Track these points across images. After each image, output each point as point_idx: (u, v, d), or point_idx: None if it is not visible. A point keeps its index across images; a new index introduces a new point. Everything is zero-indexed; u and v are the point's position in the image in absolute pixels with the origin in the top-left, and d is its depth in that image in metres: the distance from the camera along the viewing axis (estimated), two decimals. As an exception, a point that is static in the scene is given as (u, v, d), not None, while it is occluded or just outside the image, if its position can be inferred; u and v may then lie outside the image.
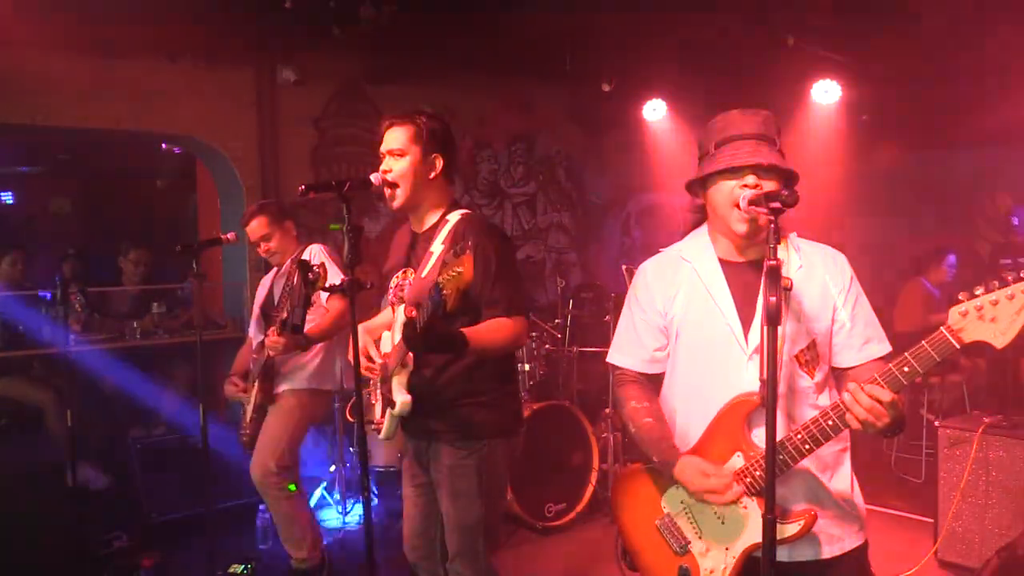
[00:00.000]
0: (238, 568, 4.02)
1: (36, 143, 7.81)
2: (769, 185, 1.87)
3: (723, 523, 1.96)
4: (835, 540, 1.98)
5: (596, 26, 5.53)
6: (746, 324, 1.95)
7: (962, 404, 5.83)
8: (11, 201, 8.97)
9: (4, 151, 8.08)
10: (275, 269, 3.94)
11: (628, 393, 2.14)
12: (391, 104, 6.11)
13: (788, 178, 1.95)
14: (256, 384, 3.74)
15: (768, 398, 1.66)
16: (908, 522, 4.70)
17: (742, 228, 1.91)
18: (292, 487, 3.77)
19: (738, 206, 1.86)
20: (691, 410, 2.03)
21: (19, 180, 8.95)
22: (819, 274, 2.00)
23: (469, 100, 6.62)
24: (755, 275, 1.93)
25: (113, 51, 5.03)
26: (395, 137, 2.53)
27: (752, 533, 1.89)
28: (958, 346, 1.65)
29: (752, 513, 1.89)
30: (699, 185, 2.02)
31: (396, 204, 2.55)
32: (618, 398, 2.18)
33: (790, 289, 1.74)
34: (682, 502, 2.03)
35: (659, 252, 2.17)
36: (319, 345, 3.71)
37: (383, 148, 2.56)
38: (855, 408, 1.72)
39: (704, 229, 2.11)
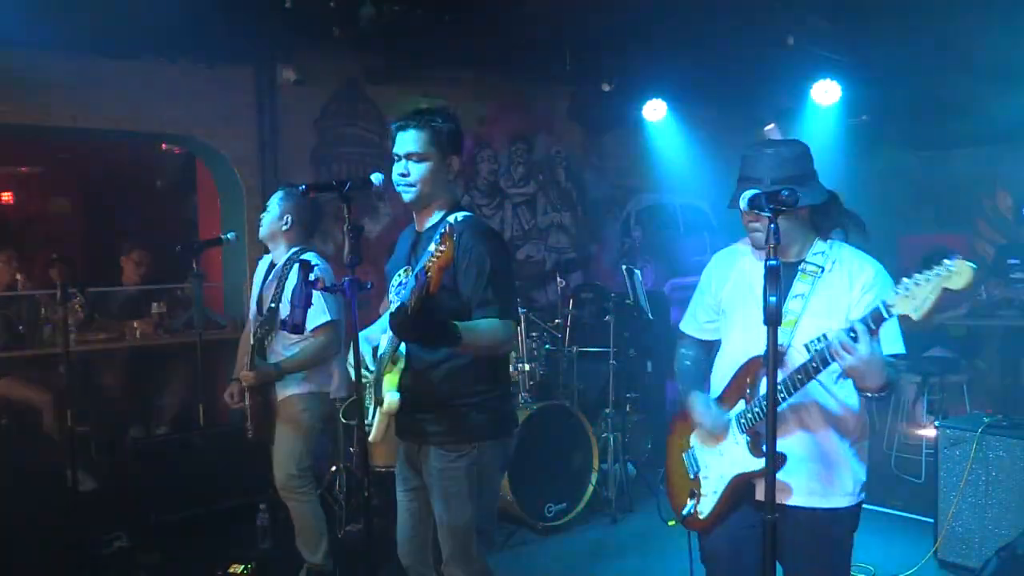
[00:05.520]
0: (238, 568, 4.01)
1: (36, 143, 7.80)
2: (766, 220, 2.10)
3: (721, 455, 2.39)
4: (810, 493, 2.29)
5: (596, 26, 5.53)
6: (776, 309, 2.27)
7: (962, 404, 5.83)
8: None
9: (4, 151, 8.07)
10: (270, 260, 3.89)
11: (681, 344, 2.69)
12: (391, 104, 6.11)
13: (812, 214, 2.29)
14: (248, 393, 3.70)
15: (768, 397, 1.87)
16: (908, 522, 4.70)
17: (756, 243, 2.34)
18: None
19: (750, 231, 2.31)
20: (725, 368, 2.46)
21: (19, 180, 8.94)
22: (844, 277, 2.26)
23: (469, 100, 6.62)
24: (792, 272, 2.30)
25: (113, 51, 5.02)
26: (413, 140, 2.51)
27: (740, 464, 2.32)
28: (887, 316, 1.96)
29: (742, 447, 2.32)
30: None
31: (410, 199, 2.55)
32: (677, 348, 2.69)
33: (818, 274, 2.24)
34: (701, 438, 2.48)
35: (732, 244, 2.58)
36: (315, 336, 3.62)
37: (400, 151, 2.52)
38: (835, 341, 2.03)
39: None
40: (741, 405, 2.35)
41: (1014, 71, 6.05)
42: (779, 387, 2.15)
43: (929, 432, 5.22)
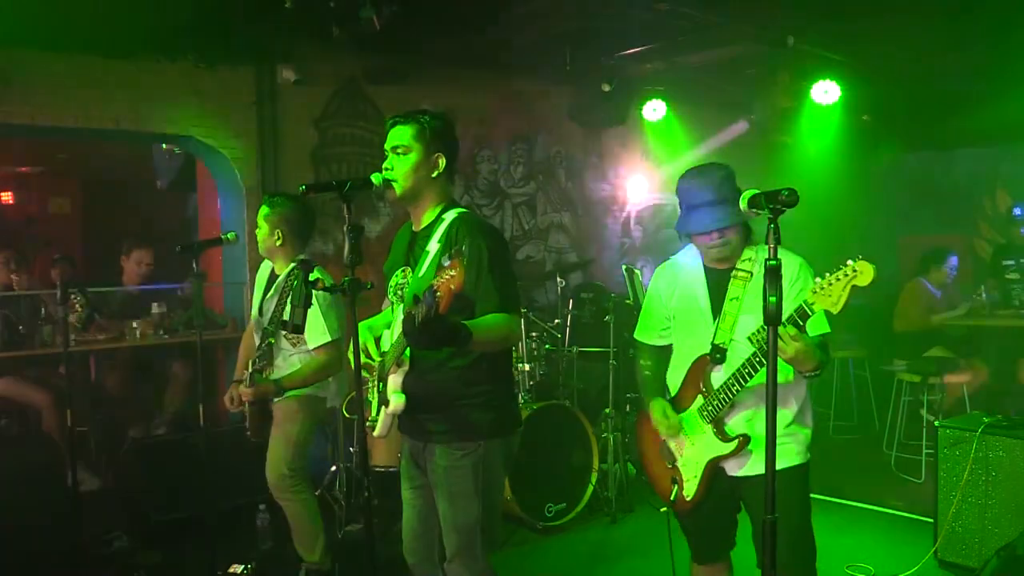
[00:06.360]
0: (238, 568, 4.02)
1: (36, 143, 7.80)
2: (730, 234, 2.61)
3: (694, 444, 2.75)
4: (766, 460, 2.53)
5: (596, 26, 5.53)
6: (716, 312, 2.70)
7: (962, 404, 5.83)
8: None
9: (4, 151, 8.07)
10: (271, 267, 3.89)
11: (641, 356, 3.03)
12: (391, 104, 6.11)
13: (745, 224, 2.63)
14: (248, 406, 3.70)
15: (768, 396, 2.03)
16: (908, 522, 4.71)
17: (718, 256, 2.69)
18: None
19: (709, 249, 2.65)
20: (678, 367, 2.84)
21: (19, 180, 8.94)
22: None
23: (469, 100, 6.62)
24: (726, 279, 2.69)
25: (113, 51, 5.02)
26: (399, 134, 2.56)
27: (711, 450, 2.69)
28: (811, 313, 2.32)
29: (710, 435, 2.69)
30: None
31: (396, 196, 2.58)
32: (635, 359, 3.04)
33: (749, 279, 2.61)
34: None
35: (669, 258, 2.95)
36: (316, 354, 3.63)
37: (387, 145, 2.58)
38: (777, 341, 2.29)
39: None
40: (700, 400, 2.71)
41: (1014, 71, 6.06)
42: (732, 380, 2.56)
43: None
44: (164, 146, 6.29)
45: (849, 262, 2.23)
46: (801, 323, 2.34)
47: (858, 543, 4.33)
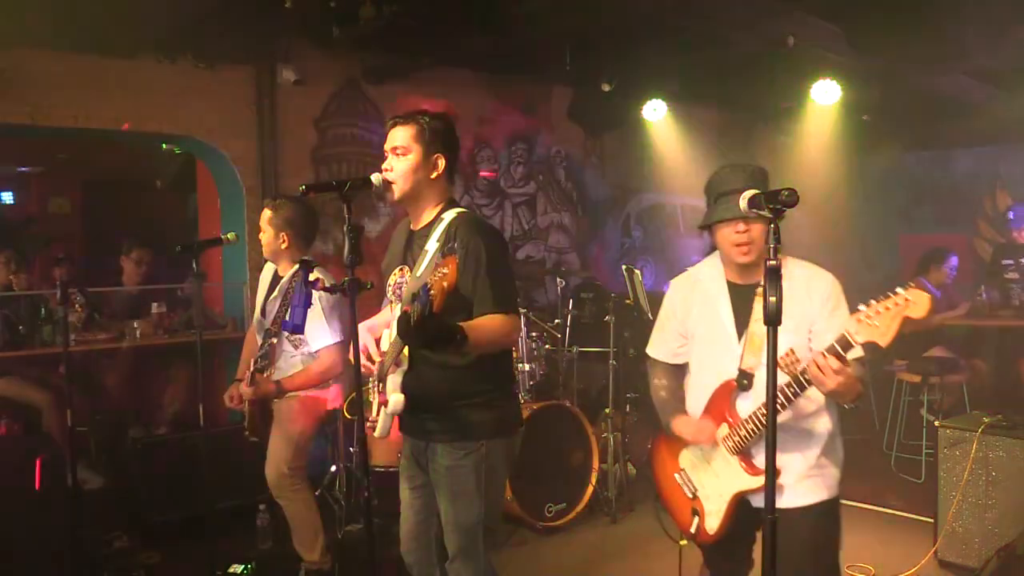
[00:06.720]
0: (238, 568, 4.02)
1: (36, 143, 7.80)
2: (756, 227, 2.41)
3: (718, 476, 2.58)
4: (799, 494, 2.47)
5: (596, 26, 5.53)
6: (740, 331, 2.53)
7: (962, 404, 5.83)
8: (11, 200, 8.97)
9: (4, 151, 8.07)
10: (274, 269, 3.89)
11: (655, 374, 2.83)
12: (391, 104, 6.11)
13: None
14: (248, 406, 3.71)
15: (769, 397, 1.96)
16: (908, 522, 4.71)
17: (743, 260, 2.49)
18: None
19: (736, 245, 2.45)
20: (698, 392, 2.65)
21: (19, 180, 8.94)
22: (800, 294, 2.41)
23: (469, 100, 6.62)
24: (751, 295, 2.50)
25: (113, 51, 5.02)
26: (399, 135, 2.56)
27: (737, 483, 2.51)
28: (854, 345, 2.14)
29: (735, 467, 2.51)
30: (707, 228, 2.60)
31: (395, 197, 2.59)
32: (649, 377, 2.85)
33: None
34: (691, 460, 2.67)
35: (685, 270, 2.79)
36: (319, 356, 3.63)
37: (387, 146, 2.58)
38: (811, 368, 2.21)
39: (718, 254, 2.66)
40: (724, 428, 2.53)
41: (1014, 71, 6.06)
42: (762, 410, 2.37)
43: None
44: (164, 146, 6.30)
45: (899, 290, 2.03)
46: (843, 353, 2.15)
47: (858, 543, 4.33)
